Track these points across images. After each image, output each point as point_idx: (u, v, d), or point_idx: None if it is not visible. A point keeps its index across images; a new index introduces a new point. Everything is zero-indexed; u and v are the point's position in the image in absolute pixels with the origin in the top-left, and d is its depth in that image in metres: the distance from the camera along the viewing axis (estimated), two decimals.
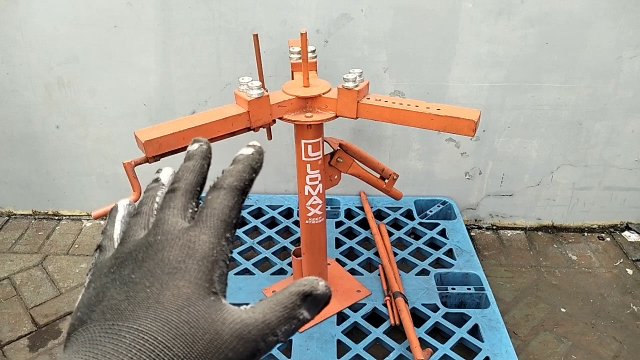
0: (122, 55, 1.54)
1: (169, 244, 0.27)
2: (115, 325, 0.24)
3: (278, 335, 0.26)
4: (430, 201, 1.79)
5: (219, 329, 0.25)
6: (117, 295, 0.26)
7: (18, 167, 1.79)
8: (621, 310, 1.48)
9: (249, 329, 0.25)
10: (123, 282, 0.26)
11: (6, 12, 1.48)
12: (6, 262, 1.68)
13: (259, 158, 0.31)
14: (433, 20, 1.46)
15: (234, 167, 0.30)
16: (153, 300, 0.25)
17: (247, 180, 0.30)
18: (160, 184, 0.33)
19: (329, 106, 1.04)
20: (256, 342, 0.25)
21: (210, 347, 0.24)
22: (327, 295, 0.27)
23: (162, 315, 0.24)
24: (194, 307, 0.25)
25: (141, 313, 0.24)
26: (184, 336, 0.24)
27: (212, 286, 0.26)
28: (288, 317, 0.26)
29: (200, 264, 0.26)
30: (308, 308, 0.27)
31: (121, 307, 0.25)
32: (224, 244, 0.28)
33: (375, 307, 1.34)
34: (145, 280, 0.26)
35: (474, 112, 0.92)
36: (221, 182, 0.30)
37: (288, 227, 1.68)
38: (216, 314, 0.25)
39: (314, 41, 1.48)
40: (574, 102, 1.57)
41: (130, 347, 0.23)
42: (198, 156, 0.32)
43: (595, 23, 1.44)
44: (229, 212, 0.28)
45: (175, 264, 0.26)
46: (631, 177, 1.72)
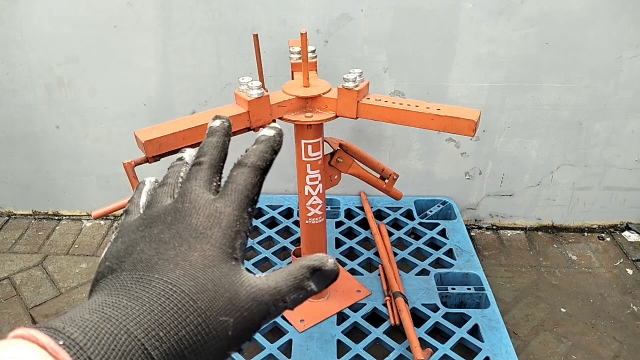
0: (122, 55, 1.54)
1: (197, 212, 0.29)
2: (145, 275, 0.26)
3: (287, 302, 0.29)
4: (430, 201, 1.79)
5: (238, 290, 0.27)
6: (147, 250, 0.28)
7: (18, 167, 1.79)
8: (621, 310, 1.48)
9: (262, 293, 0.28)
10: (152, 240, 0.29)
11: (6, 12, 1.48)
12: (6, 262, 1.68)
13: (280, 140, 0.34)
14: (433, 20, 1.46)
15: (256, 147, 0.33)
16: (181, 259, 0.27)
17: (269, 160, 0.32)
18: (184, 162, 0.35)
19: (329, 106, 1.04)
20: (267, 306, 0.28)
21: (229, 304, 0.27)
22: (334, 271, 0.30)
23: (190, 272, 0.27)
24: (217, 268, 0.28)
25: (171, 267, 0.27)
26: (208, 292, 0.26)
27: (234, 252, 0.29)
28: (297, 286, 0.29)
29: (225, 232, 0.29)
30: (316, 281, 0.29)
31: (152, 261, 0.27)
32: (246, 216, 0.30)
33: (375, 307, 1.34)
34: (175, 241, 0.28)
35: (474, 112, 0.92)
36: (245, 160, 0.32)
37: (288, 227, 1.68)
38: (236, 277, 0.28)
39: (314, 41, 1.48)
40: (574, 102, 1.57)
41: (160, 295, 0.25)
42: (220, 132, 0.34)
43: (595, 23, 1.44)
44: (252, 189, 0.31)
45: (202, 229, 0.29)
46: (631, 177, 1.72)
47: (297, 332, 1.27)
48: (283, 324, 1.29)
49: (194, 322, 0.25)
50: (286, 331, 1.27)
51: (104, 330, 0.23)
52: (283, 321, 1.30)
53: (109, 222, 1.87)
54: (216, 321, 0.26)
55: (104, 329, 0.23)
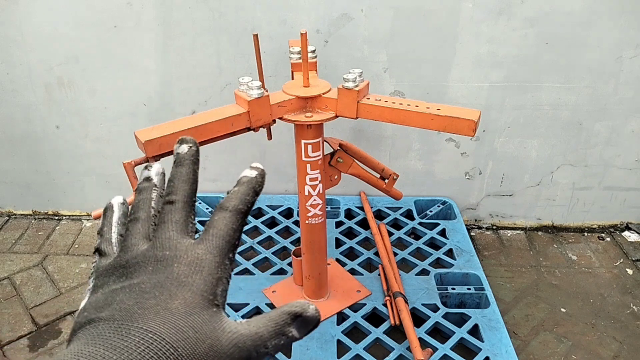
0: (122, 55, 1.54)
1: (178, 260, 0.29)
2: (124, 324, 0.26)
3: (268, 348, 0.29)
4: (430, 201, 1.79)
5: (219, 336, 0.27)
6: (127, 300, 0.28)
7: (18, 167, 1.79)
8: (621, 310, 1.48)
9: (244, 339, 0.28)
10: (133, 290, 0.28)
11: (6, 12, 1.48)
12: (6, 262, 1.68)
13: (261, 181, 0.33)
14: (433, 20, 1.46)
15: (238, 189, 0.32)
16: (162, 307, 0.27)
17: (250, 202, 0.32)
18: (153, 184, 0.34)
19: (329, 106, 1.04)
20: (249, 352, 0.28)
21: (211, 351, 0.27)
22: (315, 318, 0.30)
23: (170, 320, 0.26)
24: (198, 315, 0.27)
25: (150, 316, 0.26)
26: (189, 339, 0.26)
27: (215, 299, 0.29)
28: (278, 332, 0.29)
29: (206, 280, 0.29)
30: (298, 327, 0.30)
31: (131, 310, 0.27)
32: (227, 262, 0.30)
33: (375, 307, 1.34)
34: (155, 290, 0.28)
35: (474, 112, 0.92)
36: (227, 204, 0.31)
37: (288, 227, 1.68)
38: (217, 323, 0.28)
39: (314, 41, 1.48)
40: (574, 102, 1.57)
41: (139, 344, 0.25)
42: (189, 161, 0.33)
43: (595, 23, 1.44)
44: (233, 234, 0.31)
45: (183, 278, 0.29)
46: (631, 177, 1.72)
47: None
48: None
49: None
50: None
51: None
52: None
53: None
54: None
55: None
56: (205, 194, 1.80)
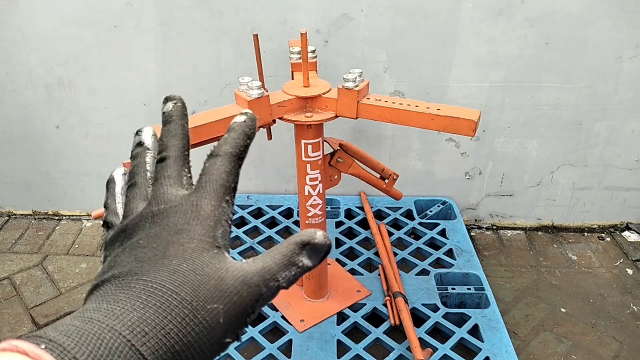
0: (122, 55, 1.54)
1: (173, 211, 0.29)
2: (125, 279, 0.26)
3: (279, 281, 0.28)
4: (430, 201, 1.79)
5: (223, 275, 0.27)
6: (127, 258, 0.28)
7: (18, 167, 1.79)
8: (621, 310, 1.48)
9: (251, 275, 0.27)
10: (131, 247, 0.28)
11: (6, 12, 1.48)
12: (6, 262, 1.68)
13: (252, 124, 0.32)
14: (433, 20, 1.46)
15: (228, 135, 0.32)
16: (160, 256, 0.27)
17: (242, 146, 0.31)
18: (145, 148, 0.34)
19: (329, 106, 1.04)
20: (259, 287, 0.27)
21: (216, 290, 0.26)
22: (325, 243, 0.28)
23: (168, 267, 0.26)
24: (198, 258, 0.27)
25: (149, 267, 0.26)
26: (190, 282, 0.26)
27: (215, 241, 0.28)
28: (288, 263, 0.28)
29: (203, 224, 0.28)
30: (309, 255, 0.28)
31: (131, 266, 0.27)
32: (224, 205, 0.30)
33: (375, 307, 1.34)
34: (152, 243, 0.28)
35: (474, 112, 0.92)
36: (217, 150, 0.31)
37: (288, 227, 1.68)
38: (220, 263, 0.27)
39: (314, 41, 1.48)
40: (574, 102, 1.57)
41: (141, 294, 0.25)
42: (176, 117, 0.33)
43: (595, 23, 1.44)
44: (227, 177, 0.30)
45: (180, 226, 0.28)
46: (631, 177, 1.72)
47: (297, 332, 1.27)
48: (283, 324, 1.29)
49: (180, 315, 0.25)
50: (286, 331, 1.27)
51: (87, 331, 0.23)
52: (283, 321, 1.30)
53: None
54: (204, 310, 0.25)
55: (87, 330, 0.23)
56: None
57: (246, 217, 1.71)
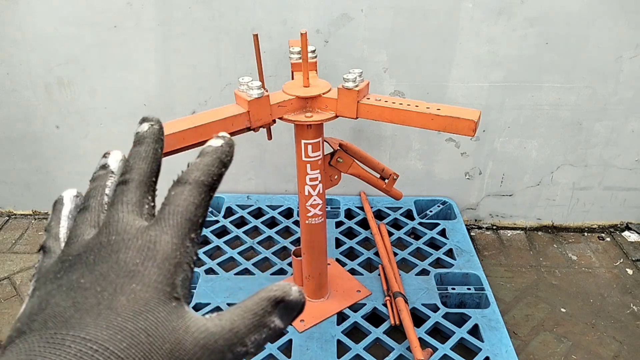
0: (122, 55, 1.54)
1: (125, 245, 0.24)
2: (58, 334, 0.21)
3: (247, 346, 0.24)
4: (430, 201, 1.79)
5: (181, 338, 0.22)
6: (63, 302, 0.23)
7: (18, 167, 1.79)
8: (621, 310, 1.48)
9: (215, 338, 0.23)
10: (70, 288, 0.23)
11: (6, 12, 1.48)
12: (6, 262, 1.68)
13: (229, 151, 0.28)
14: (433, 20, 1.46)
15: (200, 160, 0.27)
16: (104, 306, 0.22)
17: (216, 175, 0.27)
18: (109, 171, 0.30)
19: (329, 106, 1.04)
20: (223, 353, 0.23)
21: (171, 357, 0.22)
22: (300, 301, 0.25)
23: (114, 322, 0.21)
24: (152, 314, 0.22)
25: (90, 320, 0.21)
26: (140, 345, 0.21)
27: (174, 291, 0.24)
28: (258, 324, 0.24)
29: (161, 267, 0.24)
30: (280, 315, 0.24)
31: (66, 315, 0.22)
32: (189, 245, 0.25)
33: (375, 307, 1.34)
34: (97, 286, 0.23)
35: (474, 112, 0.92)
36: (186, 177, 0.26)
37: (288, 227, 1.68)
38: (178, 321, 0.23)
39: (314, 41, 1.48)
40: (574, 102, 1.57)
41: (76, 358, 0.20)
42: (150, 139, 0.29)
43: (595, 23, 1.44)
44: (195, 210, 0.25)
45: (132, 266, 0.23)
46: (631, 177, 1.72)
47: (297, 332, 1.27)
48: None
49: None
50: (286, 331, 1.27)
51: None
52: None
53: None
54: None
55: None
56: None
57: (246, 217, 1.71)
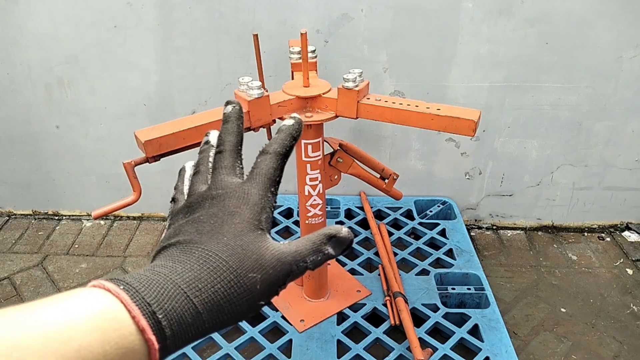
0: (122, 55, 1.54)
1: (228, 196, 0.36)
2: (188, 246, 0.33)
3: (307, 262, 0.34)
4: (430, 201, 1.79)
5: (263, 253, 0.33)
6: (189, 229, 0.35)
7: (18, 167, 1.79)
8: (621, 310, 1.48)
9: (285, 255, 0.34)
10: (193, 221, 0.35)
11: (6, 12, 1.48)
12: (6, 262, 1.68)
13: (299, 128, 0.40)
14: (433, 20, 1.46)
15: (277, 136, 0.39)
16: (215, 232, 0.34)
17: (288, 146, 0.39)
18: (210, 145, 0.42)
19: (329, 106, 1.04)
20: (290, 265, 0.34)
21: (256, 263, 0.33)
22: (348, 237, 0.36)
23: (222, 240, 0.33)
24: (246, 236, 0.34)
25: (207, 239, 0.33)
26: (238, 254, 0.33)
27: (260, 224, 0.35)
28: (316, 250, 0.35)
29: (251, 209, 0.35)
30: (333, 246, 0.35)
31: (192, 237, 0.34)
32: (269, 195, 0.37)
33: (375, 307, 1.34)
34: (211, 220, 0.35)
35: (474, 112, 0.92)
36: (267, 148, 0.38)
37: (288, 227, 1.68)
38: (262, 242, 0.34)
39: (314, 41, 1.48)
40: (574, 102, 1.57)
41: (199, 258, 0.32)
42: (234, 117, 0.41)
43: (595, 23, 1.44)
44: (273, 172, 0.37)
45: (233, 208, 0.35)
46: (631, 177, 1.72)
47: (297, 332, 1.27)
48: (283, 324, 1.29)
49: (226, 278, 0.31)
50: (286, 331, 1.27)
51: (155, 280, 0.30)
52: (283, 321, 1.30)
53: (109, 222, 1.87)
54: (246, 277, 0.32)
55: (154, 280, 0.30)
56: None
57: None
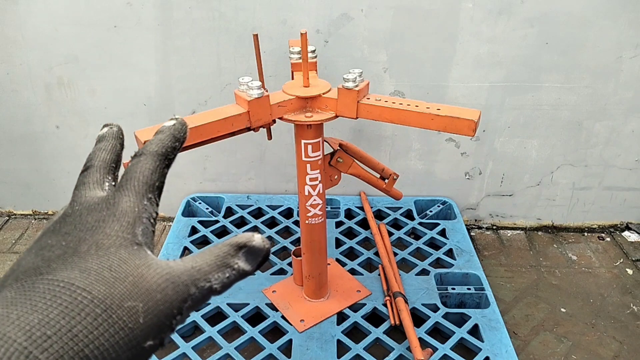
0: (122, 55, 1.54)
1: (87, 210, 0.27)
2: (27, 282, 0.23)
3: (211, 282, 0.26)
4: (430, 201, 1.79)
5: (144, 272, 0.24)
6: (32, 259, 0.25)
7: (18, 167, 1.79)
8: (621, 310, 1.48)
9: (178, 273, 0.25)
10: (38, 249, 0.25)
11: (6, 12, 1.48)
12: (6, 262, 1.68)
13: (182, 128, 0.32)
14: (433, 20, 1.46)
15: (155, 137, 0.31)
16: (69, 254, 0.24)
17: (169, 147, 0.30)
18: None
19: (329, 106, 1.04)
20: (187, 287, 0.25)
21: (134, 288, 0.23)
22: (263, 247, 0.27)
23: (79, 264, 0.24)
24: (114, 254, 0.25)
25: (57, 266, 0.24)
26: (104, 279, 0.23)
27: (135, 238, 0.26)
28: (221, 264, 0.26)
29: (120, 220, 0.26)
30: (245, 259, 0.27)
31: (35, 266, 0.24)
32: (146, 203, 0.28)
33: (375, 307, 1.34)
34: (62, 241, 0.25)
35: (474, 112, 0.92)
36: (141, 150, 0.30)
37: (288, 227, 1.67)
38: (140, 260, 0.25)
39: (314, 41, 1.48)
40: (574, 102, 1.57)
41: (44, 294, 0.22)
42: (109, 136, 0.33)
43: (595, 23, 1.44)
44: (150, 175, 0.29)
45: (94, 223, 0.26)
46: (631, 177, 1.72)
47: (297, 332, 1.27)
48: (283, 324, 1.29)
49: (91, 315, 0.22)
50: (286, 331, 1.27)
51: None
52: (283, 321, 1.30)
53: None
54: (120, 308, 0.22)
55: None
56: (206, 194, 1.80)
57: (246, 217, 1.71)
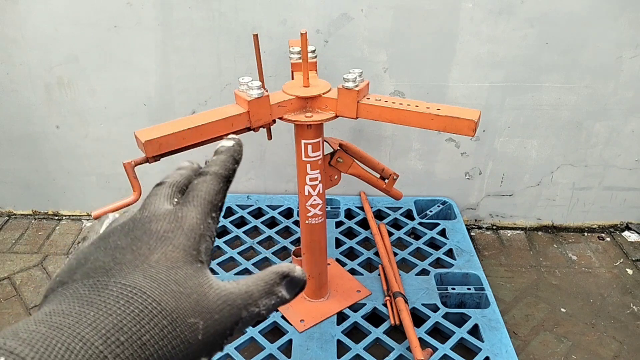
0: (122, 55, 1.54)
1: (157, 218, 0.28)
2: (100, 281, 0.24)
3: (260, 307, 0.27)
4: (430, 201, 1.79)
5: (206, 292, 0.26)
6: (102, 257, 0.26)
7: (18, 167, 1.79)
8: (621, 310, 1.48)
9: (234, 297, 0.26)
10: (108, 248, 0.26)
11: (6, 12, 1.48)
12: (6, 262, 1.68)
13: (239, 150, 0.33)
14: (433, 20, 1.46)
15: (217, 157, 0.32)
16: (140, 261, 0.25)
17: (230, 169, 0.32)
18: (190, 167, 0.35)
19: (329, 106, 1.04)
20: (240, 310, 0.26)
21: (197, 306, 0.25)
22: (302, 279, 0.29)
23: (149, 273, 0.25)
24: (181, 269, 0.26)
25: (128, 271, 0.24)
26: (173, 292, 0.24)
27: (199, 255, 0.27)
28: (268, 291, 0.28)
29: (187, 235, 0.27)
30: (286, 288, 0.29)
31: (108, 267, 0.25)
32: (210, 222, 0.29)
33: (375, 307, 1.34)
34: (133, 245, 0.26)
35: (474, 112, 0.92)
36: (206, 169, 0.31)
37: (288, 227, 1.67)
38: (202, 278, 0.26)
39: (314, 41, 1.48)
40: (574, 102, 1.57)
41: (118, 299, 0.23)
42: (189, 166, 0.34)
43: (595, 23, 1.44)
44: (214, 195, 0.30)
45: (163, 233, 0.27)
46: (631, 177, 1.72)
47: (297, 332, 1.27)
48: (283, 324, 1.29)
49: (158, 325, 0.23)
50: (286, 331, 1.27)
51: (54, 340, 0.20)
52: (283, 321, 1.30)
53: None
54: (184, 324, 0.24)
55: (54, 338, 0.20)
56: None
57: (246, 217, 1.71)
